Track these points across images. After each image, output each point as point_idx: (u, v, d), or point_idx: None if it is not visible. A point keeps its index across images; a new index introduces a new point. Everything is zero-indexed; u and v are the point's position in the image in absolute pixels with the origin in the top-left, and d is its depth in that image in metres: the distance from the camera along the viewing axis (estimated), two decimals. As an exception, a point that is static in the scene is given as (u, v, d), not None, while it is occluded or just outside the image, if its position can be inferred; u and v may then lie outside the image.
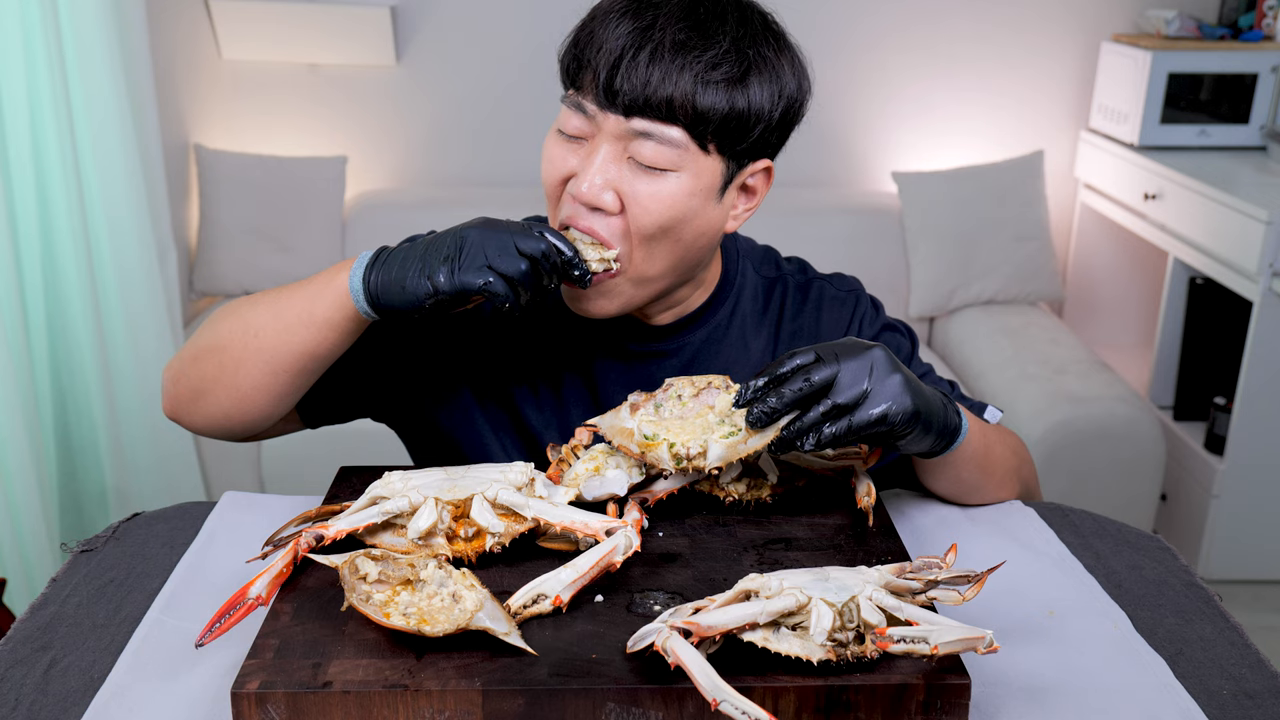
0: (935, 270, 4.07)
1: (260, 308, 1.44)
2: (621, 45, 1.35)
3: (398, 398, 1.63)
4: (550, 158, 1.43)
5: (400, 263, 1.34)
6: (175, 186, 3.76)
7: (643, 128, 1.36)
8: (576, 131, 1.40)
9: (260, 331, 1.42)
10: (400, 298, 1.33)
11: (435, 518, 1.23)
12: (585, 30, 1.40)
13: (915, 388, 1.29)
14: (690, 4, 1.37)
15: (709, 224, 1.44)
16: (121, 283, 3.01)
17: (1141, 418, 3.48)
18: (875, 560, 1.26)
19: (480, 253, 1.31)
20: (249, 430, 1.51)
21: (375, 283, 1.35)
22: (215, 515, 1.45)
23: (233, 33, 4.01)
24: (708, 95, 1.35)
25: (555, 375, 1.60)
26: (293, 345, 1.41)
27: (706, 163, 1.39)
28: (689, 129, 1.36)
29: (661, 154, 1.37)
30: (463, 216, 2.49)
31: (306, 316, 1.40)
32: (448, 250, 1.32)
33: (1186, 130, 3.99)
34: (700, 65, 1.34)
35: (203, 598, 1.26)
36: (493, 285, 1.30)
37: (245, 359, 1.43)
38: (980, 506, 1.52)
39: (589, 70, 1.38)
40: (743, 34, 1.37)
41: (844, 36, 4.18)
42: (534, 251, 1.32)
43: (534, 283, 1.33)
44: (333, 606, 1.15)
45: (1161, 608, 1.31)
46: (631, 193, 1.38)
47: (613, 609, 1.17)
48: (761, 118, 1.39)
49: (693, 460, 1.30)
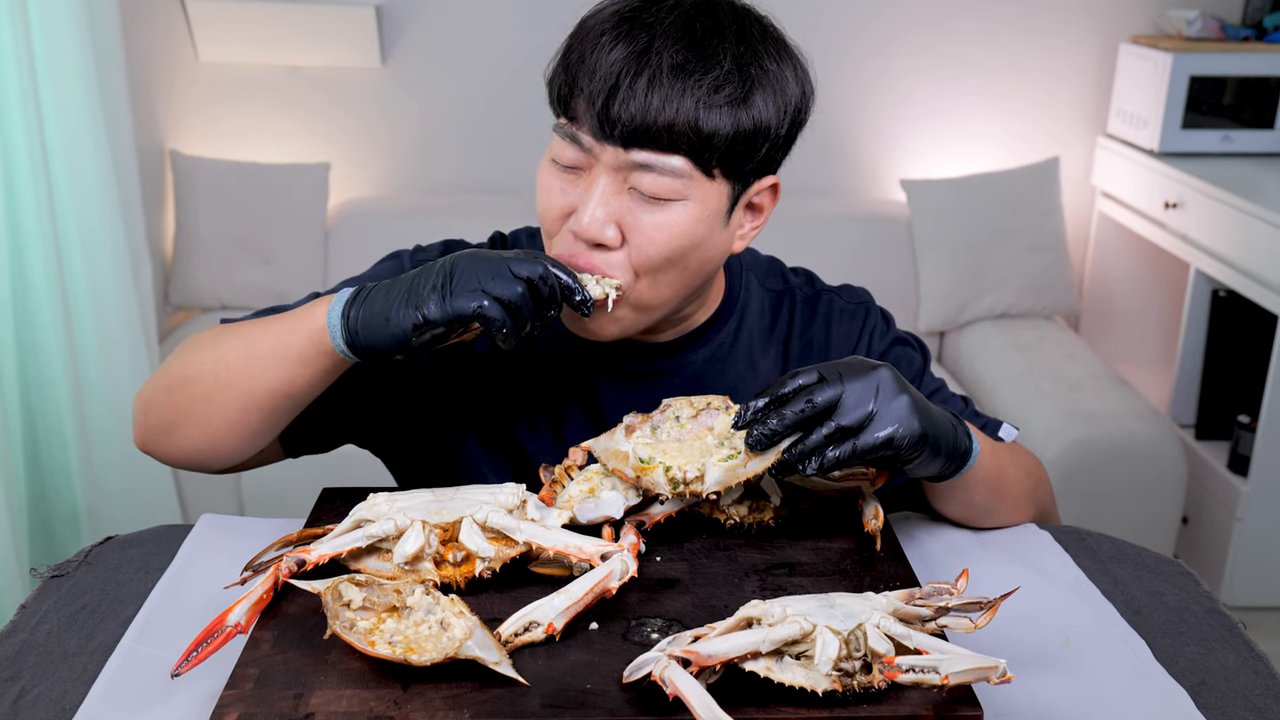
0: (945, 282, 4.08)
1: (234, 339, 1.42)
2: (616, 71, 1.32)
3: (385, 426, 1.62)
4: (546, 190, 1.41)
5: (384, 296, 1.31)
6: (150, 195, 3.76)
7: (643, 159, 1.34)
8: (572, 162, 1.38)
9: (231, 365, 1.40)
10: (383, 332, 1.29)
11: (422, 541, 1.23)
12: (574, 53, 1.37)
13: (923, 409, 1.29)
14: (686, 20, 1.35)
15: (716, 248, 1.43)
16: (94, 296, 3.01)
17: (1162, 437, 3.48)
18: (883, 586, 1.26)
19: (473, 277, 1.28)
20: (224, 465, 1.49)
21: (355, 318, 1.32)
22: (192, 539, 1.45)
23: (210, 33, 4.01)
24: (711, 119, 1.32)
25: (553, 399, 1.59)
26: (265, 381, 1.39)
27: (712, 188, 1.38)
28: (692, 157, 1.34)
29: (664, 184, 1.35)
30: (453, 226, 2.50)
31: (280, 350, 1.37)
32: (437, 279, 1.29)
33: (1209, 136, 4.00)
34: (702, 89, 1.32)
35: (179, 625, 1.26)
36: (488, 309, 1.27)
37: (216, 393, 1.41)
38: (993, 530, 1.52)
39: (581, 98, 1.35)
40: (744, 49, 1.35)
41: (849, 39, 4.19)
42: (530, 274, 1.29)
43: (534, 309, 1.30)
44: (315, 634, 1.16)
45: (1183, 636, 1.31)
46: (635, 225, 1.37)
47: (608, 637, 1.17)
48: (768, 135, 1.38)
49: (690, 484, 1.30)
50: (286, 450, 1.58)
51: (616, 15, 1.36)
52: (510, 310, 1.28)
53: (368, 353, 1.33)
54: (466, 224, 2.88)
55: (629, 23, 1.34)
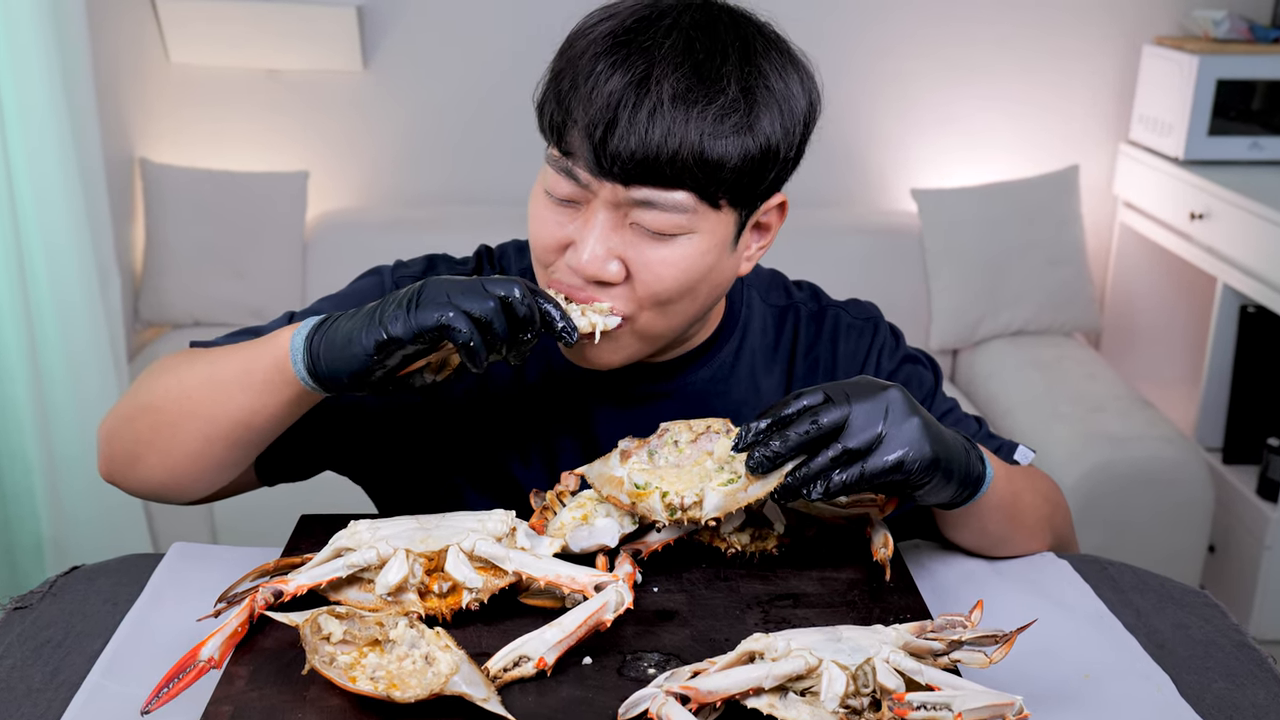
0: (959, 298, 4.08)
1: (198, 365, 1.41)
2: (615, 102, 1.29)
3: (366, 458, 1.62)
4: (541, 221, 1.40)
5: (349, 319, 1.29)
6: (118, 205, 3.76)
7: (644, 196, 1.32)
8: (568, 196, 1.37)
9: (193, 392, 1.39)
10: (345, 354, 1.27)
11: (406, 571, 1.23)
12: (565, 78, 1.34)
13: (935, 432, 1.29)
14: (686, 41, 1.32)
15: (724, 275, 1.43)
16: (59, 311, 3.01)
17: (1187, 461, 3.48)
18: (893, 618, 1.27)
19: (442, 291, 1.26)
20: (190, 497, 1.48)
21: (318, 343, 1.30)
22: (163, 569, 1.45)
23: (182, 34, 4.01)
24: (717, 149, 1.30)
25: (545, 426, 1.59)
26: (228, 410, 1.38)
27: (719, 218, 1.37)
28: (697, 190, 1.33)
29: (667, 220, 1.34)
30: (438, 238, 2.50)
31: (244, 377, 1.36)
32: (404, 297, 1.27)
33: (1237, 143, 4.00)
34: (707, 119, 1.30)
35: (149, 660, 1.26)
36: (454, 321, 1.23)
37: (178, 423, 1.40)
38: (1009, 559, 1.52)
39: (576, 130, 1.33)
40: (748, 69, 1.33)
41: (856, 41, 4.19)
42: (505, 292, 1.26)
43: (508, 330, 1.27)
44: (293, 669, 1.16)
45: (1210, 670, 1.32)
46: (640, 260, 1.36)
47: (602, 672, 1.17)
48: (776, 158, 1.36)
49: (688, 510, 1.30)
50: (261, 478, 1.58)
51: (610, 38, 1.33)
52: (481, 326, 1.25)
53: (330, 382, 1.31)
54: (452, 237, 2.89)
55: (625, 46, 1.32)
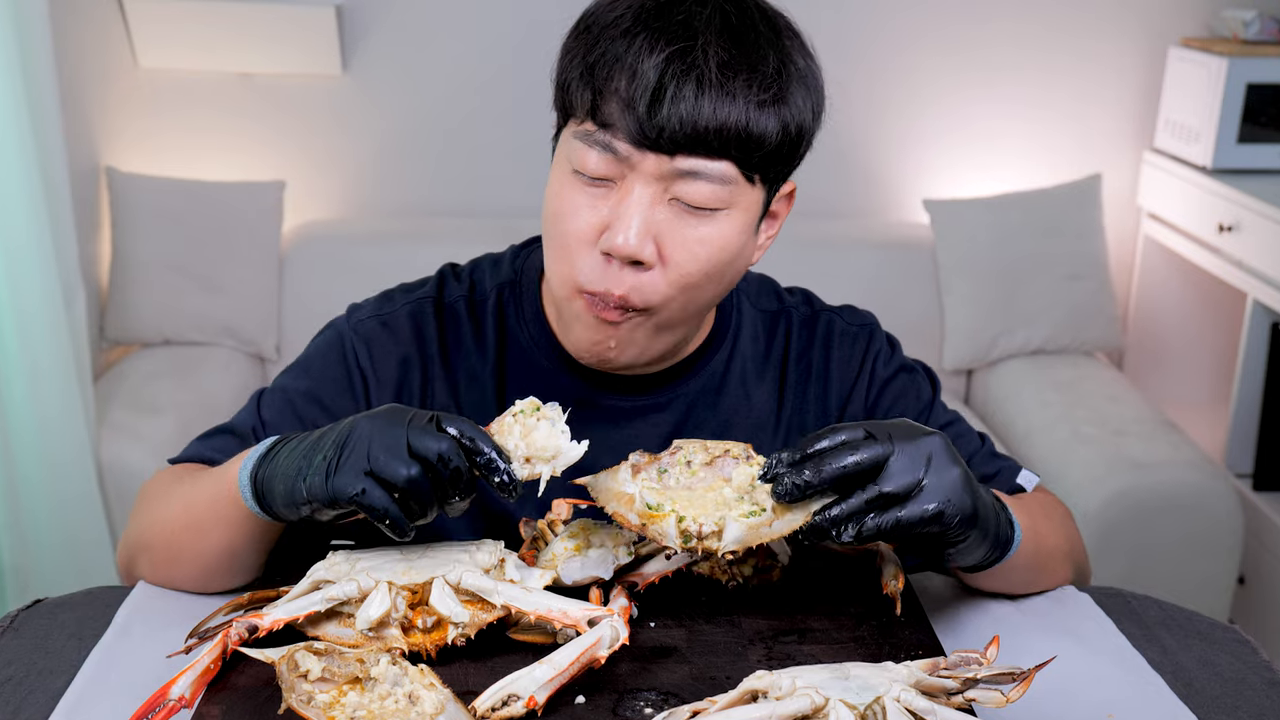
0: (974, 314, 4.09)
1: (174, 502, 1.46)
2: (660, 72, 1.32)
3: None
4: (572, 206, 1.40)
5: (288, 454, 1.31)
6: (83, 216, 3.76)
7: (689, 166, 1.35)
8: (602, 173, 1.38)
9: (180, 534, 1.44)
10: (287, 501, 1.30)
11: (388, 605, 1.23)
12: (596, 49, 1.36)
13: (975, 488, 1.28)
14: (722, 15, 1.36)
15: (743, 262, 1.45)
16: (20, 329, 3.01)
17: (1215, 487, 3.48)
18: (904, 655, 1.27)
19: (362, 454, 1.23)
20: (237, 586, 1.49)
21: (263, 480, 1.33)
22: (130, 602, 1.45)
23: (151, 36, 4.01)
24: (761, 121, 1.34)
25: None
26: (212, 543, 1.42)
27: (752, 196, 1.40)
28: (739, 162, 1.36)
29: (710, 193, 1.36)
30: (419, 252, 2.50)
31: (214, 513, 1.40)
32: (331, 447, 1.26)
33: (1268, 151, 4.00)
34: (753, 91, 1.33)
35: (116, 699, 1.26)
36: (367, 498, 1.22)
37: (177, 559, 1.45)
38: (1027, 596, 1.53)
39: (615, 101, 1.35)
40: (780, 44, 1.37)
41: (865, 42, 4.20)
42: (428, 453, 1.23)
43: (432, 496, 1.25)
44: (269, 709, 1.16)
45: (1239, 710, 1.32)
46: (677, 240, 1.38)
47: (596, 712, 1.17)
48: (804, 135, 1.41)
49: (704, 539, 1.26)
50: None
51: (639, 8, 1.36)
52: (400, 495, 1.24)
53: (285, 520, 1.34)
54: (435, 250, 2.88)
55: (661, 17, 1.35)
